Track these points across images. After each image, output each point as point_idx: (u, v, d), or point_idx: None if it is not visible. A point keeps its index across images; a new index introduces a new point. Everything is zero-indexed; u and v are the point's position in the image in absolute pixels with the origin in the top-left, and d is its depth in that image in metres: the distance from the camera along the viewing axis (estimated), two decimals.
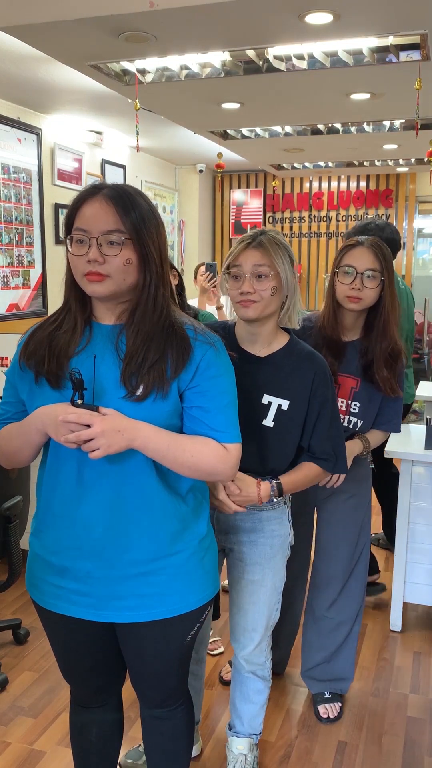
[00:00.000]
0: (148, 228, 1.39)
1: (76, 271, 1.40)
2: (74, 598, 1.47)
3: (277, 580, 1.95)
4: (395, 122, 4.46)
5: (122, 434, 1.34)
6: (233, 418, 1.48)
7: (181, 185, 7.03)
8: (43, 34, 2.71)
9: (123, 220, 1.36)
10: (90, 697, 1.69)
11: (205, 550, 1.53)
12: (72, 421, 1.32)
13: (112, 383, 1.40)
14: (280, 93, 3.63)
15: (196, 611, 1.53)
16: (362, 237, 2.17)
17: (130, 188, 1.42)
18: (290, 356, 1.85)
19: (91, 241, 1.36)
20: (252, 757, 2.08)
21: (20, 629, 2.88)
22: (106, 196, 1.37)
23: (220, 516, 1.91)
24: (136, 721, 2.31)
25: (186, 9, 2.41)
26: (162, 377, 1.38)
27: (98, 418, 1.33)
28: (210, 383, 1.43)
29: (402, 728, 2.38)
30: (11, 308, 4.56)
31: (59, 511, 1.46)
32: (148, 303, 1.41)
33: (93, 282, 1.37)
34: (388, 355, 2.17)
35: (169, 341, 1.41)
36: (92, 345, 1.44)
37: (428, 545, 2.94)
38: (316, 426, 1.83)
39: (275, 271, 1.76)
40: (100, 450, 1.33)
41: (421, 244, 7.34)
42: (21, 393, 1.50)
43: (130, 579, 1.45)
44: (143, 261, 1.39)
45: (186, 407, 1.44)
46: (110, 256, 1.36)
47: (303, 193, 7.01)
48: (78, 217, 1.39)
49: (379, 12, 2.48)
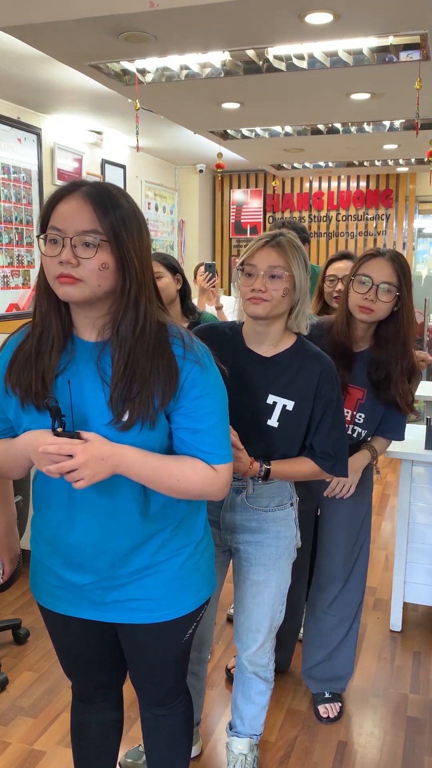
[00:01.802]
0: (128, 230, 1.28)
1: (48, 274, 1.30)
2: (75, 599, 1.49)
3: (281, 582, 1.95)
4: (395, 122, 4.46)
5: (106, 462, 1.28)
6: (222, 438, 1.40)
7: (181, 185, 7.03)
8: (43, 34, 2.71)
9: (101, 220, 1.26)
10: (91, 692, 1.70)
11: (201, 553, 1.53)
12: (52, 452, 1.25)
13: (96, 409, 1.33)
14: (280, 93, 3.63)
15: (192, 613, 1.54)
16: (384, 248, 2.11)
17: (113, 187, 1.33)
18: (297, 356, 1.84)
19: (65, 242, 1.26)
20: (252, 757, 2.08)
21: (20, 629, 2.88)
22: (84, 193, 1.27)
23: (225, 515, 1.91)
24: (136, 721, 2.31)
25: (186, 9, 2.41)
26: (149, 407, 1.30)
27: (80, 447, 1.25)
28: (195, 404, 1.35)
29: (402, 728, 2.38)
30: (11, 308, 4.56)
31: (51, 535, 1.45)
32: (129, 314, 1.31)
33: (65, 284, 1.27)
34: (408, 371, 2.15)
35: (155, 365, 1.32)
36: (74, 363, 1.36)
37: (428, 545, 2.94)
38: (320, 426, 1.82)
39: (290, 273, 1.75)
40: (84, 480, 1.26)
41: (421, 244, 7.34)
42: (7, 412, 1.43)
43: (126, 586, 1.45)
44: (122, 266, 1.29)
45: (174, 428, 1.38)
46: (84, 259, 1.26)
47: (303, 193, 7.01)
48: (53, 215, 1.29)
49: (379, 12, 2.48)
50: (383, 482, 5.22)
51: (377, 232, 6.75)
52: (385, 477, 5.37)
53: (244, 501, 1.89)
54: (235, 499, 1.90)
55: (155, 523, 1.43)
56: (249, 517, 1.90)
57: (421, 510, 2.94)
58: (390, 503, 4.69)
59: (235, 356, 1.82)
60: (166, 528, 1.45)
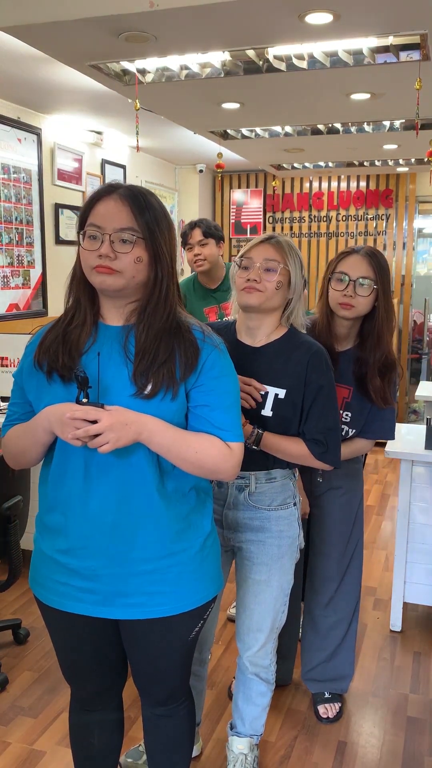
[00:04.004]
0: (160, 229, 1.43)
1: (85, 265, 1.43)
2: (80, 595, 1.48)
3: (284, 582, 1.95)
4: (395, 122, 4.45)
5: (130, 427, 1.36)
6: (236, 418, 1.50)
7: (181, 185, 7.03)
8: (43, 34, 2.71)
9: (137, 219, 1.40)
10: (91, 700, 1.69)
11: (209, 548, 1.54)
12: (79, 417, 1.33)
13: (119, 382, 1.41)
14: (280, 93, 3.62)
15: (201, 608, 1.54)
16: (358, 246, 2.16)
17: (145, 190, 1.46)
18: (286, 345, 1.86)
19: (104, 237, 1.39)
20: (252, 757, 2.08)
21: (20, 629, 2.88)
22: (121, 195, 1.41)
23: (228, 513, 1.92)
24: (136, 720, 2.31)
25: (186, 9, 2.41)
26: (172, 377, 1.40)
27: (105, 413, 1.34)
28: (215, 383, 1.45)
29: (402, 728, 2.38)
30: (11, 308, 4.55)
31: (66, 508, 1.46)
32: (159, 300, 1.44)
33: (102, 274, 1.39)
34: (382, 365, 2.15)
35: (178, 342, 1.43)
36: (98, 345, 1.46)
37: (428, 545, 2.94)
38: (310, 412, 1.83)
39: (285, 267, 1.79)
40: (109, 444, 1.34)
41: (421, 244, 7.34)
42: (28, 394, 1.51)
43: (136, 576, 1.45)
44: (155, 259, 1.42)
45: (191, 406, 1.46)
46: (121, 253, 1.39)
47: (303, 193, 7.00)
48: (92, 213, 1.42)
49: (379, 12, 2.48)
50: (383, 482, 5.22)
51: (377, 232, 6.75)
52: (385, 477, 5.37)
53: (247, 499, 1.89)
54: (238, 497, 1.90)
55: (169, 503, 1.46)
56: (252, 516, 1.90)
57: (421, 510, 2.93)
58: (390, 503, 4.69)
59: (227, 349, 1.84)
60: (177, 517, 1.47)
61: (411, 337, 6.95)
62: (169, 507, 1.46)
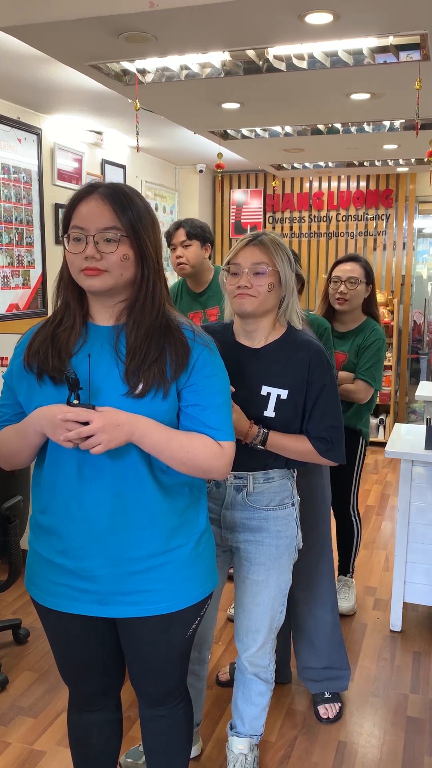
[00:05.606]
0: (144, 225, 1.42)
1: (72, 268, 1.42)
2: (76, 595, 1.48)
3: (282, 582, 1.95)
4: (395, 122, 4.45)
5: (122, 428, 1.36)
6: (227, 417, 1.50)
7: (181, 185, 7.03)
8: (43, 34, 2.71)
9: (120, 217, 1.39)
10: (89, 701, 1.69)
11: (204, 545, 1.55)
12: (71, 419, 1.33)
13: (110, 382, 1.41)
14: (280, 93, 3.62)
15: (197, 605, 1.54)
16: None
17: (126, 187, 1.45)
18: (286, 345, 1.86)
19: (88, 239, 1.38)
20: (252, 757, 2.08)
21: (20, 629, 2.88)
22: (102, 194, 1.40)
23: (226, 513, 1.92)
24: (136, 721, 2.31)
25: (186, 9, 2.41)
26: (162, 376, 1.40)
27: (96, 414, 1.34)
28: (205, 382, 1.45)
29: (402, 728, 2.38)
30: (11, 308, 4.55)
31: (61, 510, 1.46)
32: (147, 298, 1.43)
33: (90, 276, 1.39)
34: None
35: (168, 340, 1.43)
36: (88, 346, 1.45)
37: (428, 545, 2.94)
38: (313, 411, 1.84)
39: (273, 268, 1.78)
40: (102, 445, 1.34)
41: (422, 244, 7.34)
42: (18, 395, 1.51)
43: (132, 575, 1.45)
44: (141, 257, 1.42)
45: (183, 406, 1.46)
46: (107, 253, 1.38)
47: (303, 193, 7.00)
48: (75, 215, 1.41)
49: (379, 12, 2.48)
50: (383, 482, 5.22)
51: (377, 232, 6.75)
52: (385, 477, 5.37)
53: (245, 499, 1.89)
54: (236, 498, 1.90)
55: (163, 500, 1.46)
56: (249, 516, 1.90)
57: (421, 510, 2.93)
58: (390, 503, 4.69)
59: (227, 351, 1.83)
60: (171, 514, 1.47)
61: (411, 337, 6.95)
62: (164, 505, 1.46)
